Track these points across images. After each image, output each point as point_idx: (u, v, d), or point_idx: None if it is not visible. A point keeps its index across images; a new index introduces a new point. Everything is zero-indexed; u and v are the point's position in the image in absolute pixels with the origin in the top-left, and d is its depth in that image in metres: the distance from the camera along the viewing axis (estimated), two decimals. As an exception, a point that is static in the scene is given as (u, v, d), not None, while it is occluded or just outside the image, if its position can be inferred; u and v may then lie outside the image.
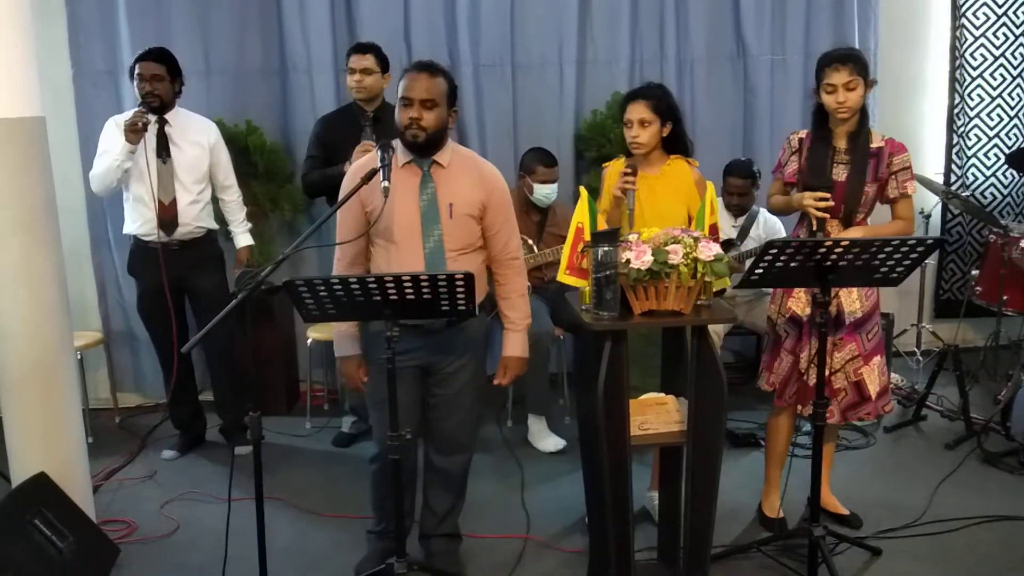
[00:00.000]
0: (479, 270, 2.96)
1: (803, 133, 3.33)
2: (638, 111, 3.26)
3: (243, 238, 4.36)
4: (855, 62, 3.16)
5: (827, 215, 3.18)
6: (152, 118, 3.97)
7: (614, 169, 3.36)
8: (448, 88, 2.86)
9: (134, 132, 3.85)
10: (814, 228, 3.20)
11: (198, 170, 4.08)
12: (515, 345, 3.07)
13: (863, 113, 3.24)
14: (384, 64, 4.20)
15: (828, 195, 3.16)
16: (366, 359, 3.03)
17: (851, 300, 3.25)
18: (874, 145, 3.26)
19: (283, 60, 4.87)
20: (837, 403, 3.29)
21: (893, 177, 3.26)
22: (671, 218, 3.16)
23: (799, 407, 3.33)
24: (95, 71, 4.70)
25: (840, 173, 3.21)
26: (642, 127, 3.25)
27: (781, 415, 3.45)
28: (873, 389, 3.29)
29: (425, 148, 2.83)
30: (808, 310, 3.23)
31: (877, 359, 3.31)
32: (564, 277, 2.88)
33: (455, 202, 2.86)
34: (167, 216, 4.02)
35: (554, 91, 5.04)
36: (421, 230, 2.84)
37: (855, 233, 3.21)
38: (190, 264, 4.09)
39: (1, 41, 2.92)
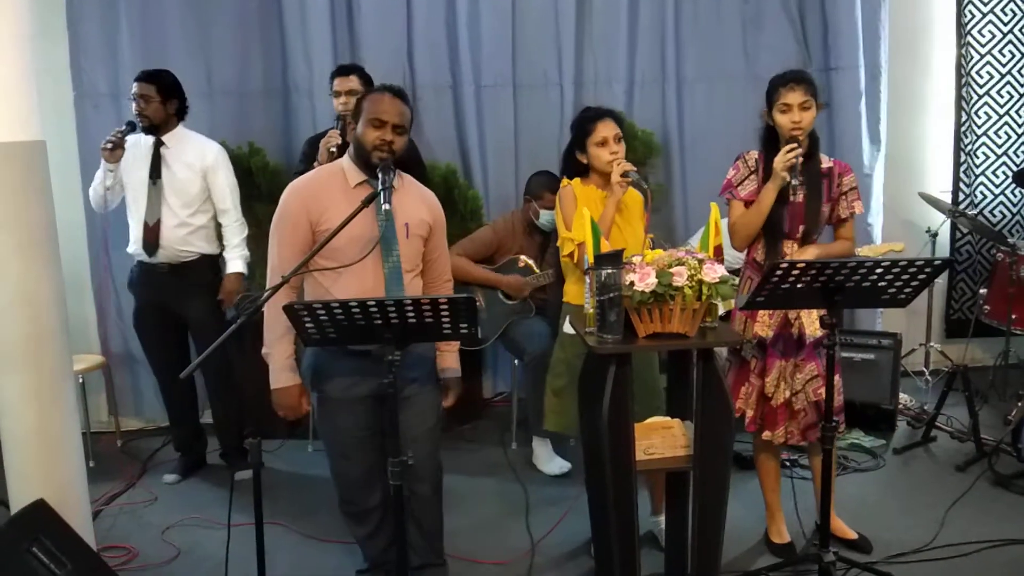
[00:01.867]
0: (420, 291, 2.95)
1: (757, 154, 3.30)
2: (612, 128, 3.29)
3: (234, 264, 4.17)
4: (809, 83, 3.16)
5: (800, 153, 3.10)
6: (142, 138, 4.01)
7: (580, 191, 3.32)
8: (411, 114, 2.92)
9: (108, 151, 3.93)
10: (789, 180, 3.10)
11: (186, 193, 4.03)
12: (450, 363, 3.03)
13: (813, 136, 3.24)
14: (368, 84, 4.20)
15: (794, 145, 3.10)
16: (314, 392, 2.96)
17: (811, 321, 3.21)
18: (824, 166, 3.28)
19: (285, 81, 4.88)
20: (797, 424, 3.26)
21: (843, 197, 3.29)
22: (639, 238, 3.24)
23: (766, 432, 3.29)
24: (96, 93, 4.71)
25: (796, 195, 3.18)
26: (619, 143, 3.29)
27: (761, 450, 3.41)
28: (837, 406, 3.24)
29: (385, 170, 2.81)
30: (771, 332, 3.21)
31: (835, 378, 3.26)
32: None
33: (410, 223, 2.86)
34: (150, 238, 4.02)
35: (554, 110, 5.05)
36: (381, 250, 2.80)
37: (811, 252, 3.19)
38: (180, 288, 4.06)
39: (1, 66, 2.92)
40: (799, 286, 2.71)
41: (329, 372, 2.90)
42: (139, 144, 4.05)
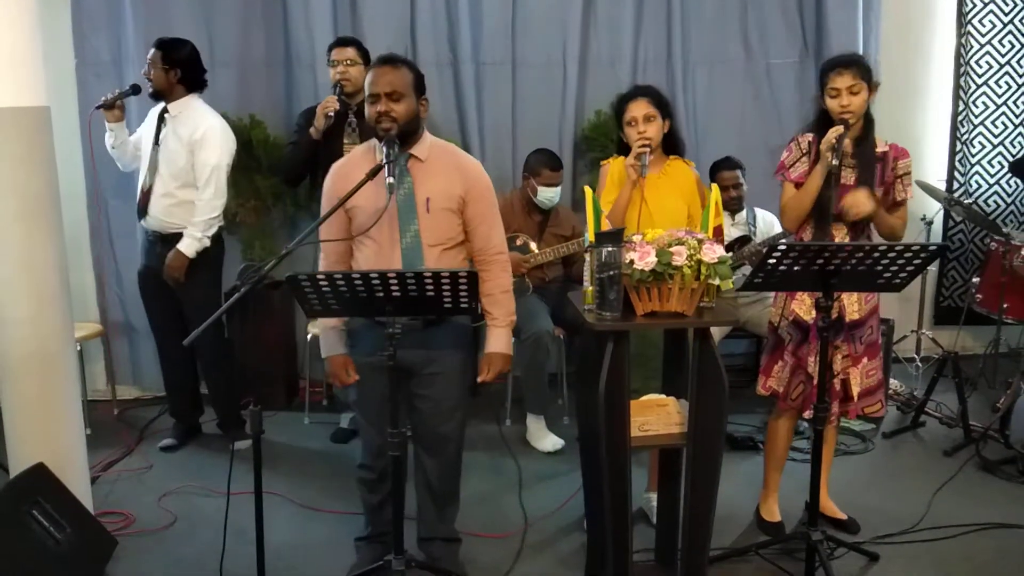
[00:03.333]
0: (462, 266, 2.93)
1: (812, 136, 3.31)
2: (642, 107, 3.27)
3: (183, 242, 3.98)
4: (858, 66, 3.17)
5: (844, 135, 3.13)
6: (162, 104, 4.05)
7: (616, 168, 3.36)
8: (414, 78, 2.84)
9: (105, 108, 4.06)
10: (830, 160, 3.11)
11: (174, 164, 4.01)
12: (499, 341, 2.98)
13: (868, 118, 3.25)
14: (366, 57, 4.22)
15: (839, 127, 3.13)
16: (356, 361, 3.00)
17: (851, 303, 3.26)
18: (879, 150, 3.28)
19: (287, 53, 4.88)
20: (835, 403, 3.31)
21: (898, 181, 3.29)
22: (675, 217, 3.20)
23: (803, 412, 3.33)
24: (99, 61, 4.70)
25: (848, 177, 3.21)
26: (648, 123, 3.26)
27: (782, 418, 3.45)
28: (855, 389, 3.29)
29: (400, 140, 2.81)
30: (813, 313, 3.23)
31: (865, 361, 3.31)
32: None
33: (432, 196, 2.83)
34: (141, 203, 4.06)
35: (557, 90, 5.05)
36: (398, 226, 2.82)
37: (861, 197, 3.17)
38: (164, 258, 4.03)
39: (7, 31, 2.92)
40: (796, 268, 2.74)
41: (358, 338, 2.95)
42: (157, 108, 4.10)
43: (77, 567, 2.99)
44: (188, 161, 4.00)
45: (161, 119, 4.04)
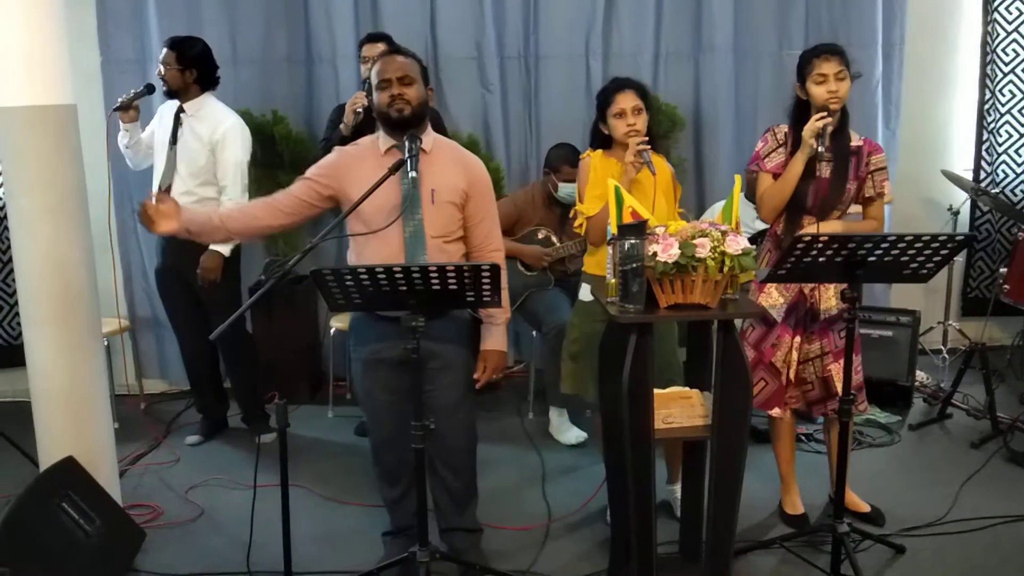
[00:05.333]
0: (461, 260, 2.93)
1: (787, 127, 3.30)
2: (630, 99, 3.25)
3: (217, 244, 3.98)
4: (842, 55, 3.17)
5: (830, 122, 3.12)
6: (176, 103, 4.06)
7: (599, 162, 3.32)
8: (420, 68, 2.88)
9: (121, 110, 4.06)
10: (816, 147, 3.10)
11: (195, 163, 4.03)
12: (495, 339, 3.00)
13: (844, 111, 3.23)
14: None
15: (824, 112, 3.11)
16: (351, 354, 3.02)
17: (827, 297, 3.24)
18: (853, 144, 3.27)
19: (309, 50, 4.90)
20: (802, 393, 3.32)
21: (870, 176, 3.29)
22: (662, 213, 3.19)
23: (776, 410, 3.33)
24: (123, 59, 4.74)
25: (823, 170, 3.20)
26: (637, 115, 3.25)
27: (775, 420, 3.43)
28: (839, 386, 3.24)
29: (412, 123, 2.82)
30: (778, 302, 3.24)
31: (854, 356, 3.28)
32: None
33: (437, 188, 2.84)
34: None
35: (579, 84, 5.04)
36: (401, 215, 2.82)
37: (835, 227, 3.20)
38: (187, 257, 4.03)
39: (35, 30, 2.96)
40: (821, 260, 2.72)
41: (362, 335, 2.96)
42: (171, 108, 4.11)
43: (107, 559, 3.03)
44: (209, 160, 4.02)
45: (177, 119, 4.06)
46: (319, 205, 2.91)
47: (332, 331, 4.69)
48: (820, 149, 3.09)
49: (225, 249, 4.02)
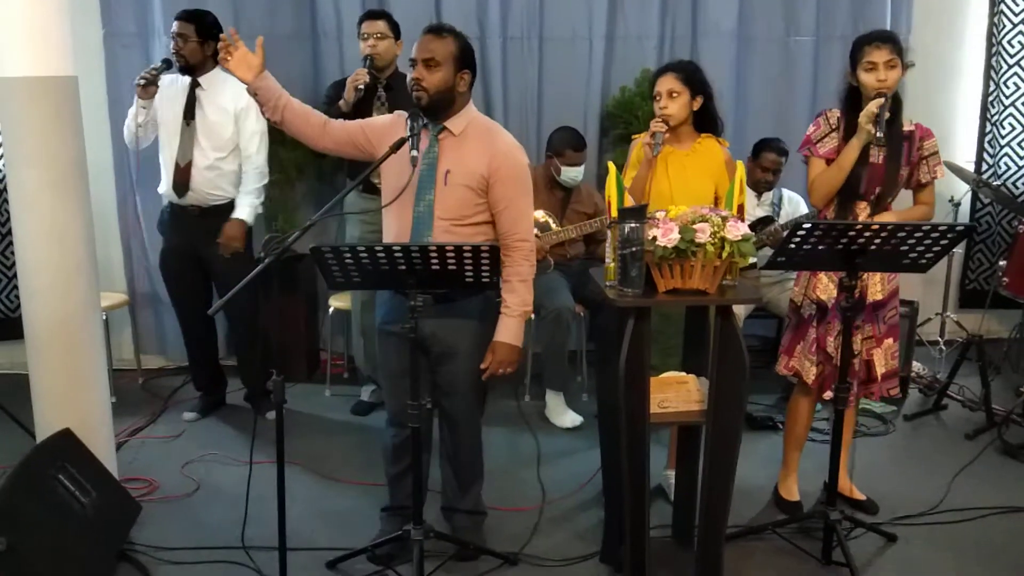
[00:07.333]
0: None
1: (839, 112, 3.27)
2: (667, 83, 3.26)
3: (240, 211, 4.09)
4: (895, 42, 3.14)
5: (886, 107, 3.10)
6: (179, 78, 4.03)
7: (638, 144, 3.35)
8: (457, 50, 2.80)
9: (141, 87, 3.95)
10: (874, 133, 3.07)
11: (219, 136, 4.03)
12: (507, 331, 2.89)
13: (896, 98, 3.21)
14: (396, 31, 4.19)
15: (880, 98, 3.09)
16: (376, 327, 3.05)
17: (873, 283, 3.25)
18: (905, 129, 3.25)
19: (314, 26, 4.87)
20: (855, 383, 3.30)
21: (924, 161, 3.26)
22: (699, 196, 3.16)
23: (824, 392, 3.32)
24: (126, 32, 4.71)
25: (876, 156, 3.18)
26: (670, 98, 3.24)
27: (803, 398, 3.44)
28: (880, 370, 3.29)
29: (430, 110, 2.80)
30: (834, 294, 3.22)
31: (888, 342, 3.30)
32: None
33: (452, 170, 2.81)
34: (180, 179, 4.04)
35: (582, 66, 5.02)
36: (415, 193, 2.82)
37: (887, 218, 3.18)
38: (207, 232, 4.05)
39: (37, 1, 2.94)
40: (820, 248, 2.72)
41: (380, 302, 3.01)
42: (176, 83, 4.08)
43: (102, 530, 3.04)
44: (234, 131, 4.04)
45: (192, 94, 4.03)
46: (359, 151, 2.97)
47: (331, 310, 4.70)
48: (878, 134, 3.06)
49: (250, 217, 4.08)
